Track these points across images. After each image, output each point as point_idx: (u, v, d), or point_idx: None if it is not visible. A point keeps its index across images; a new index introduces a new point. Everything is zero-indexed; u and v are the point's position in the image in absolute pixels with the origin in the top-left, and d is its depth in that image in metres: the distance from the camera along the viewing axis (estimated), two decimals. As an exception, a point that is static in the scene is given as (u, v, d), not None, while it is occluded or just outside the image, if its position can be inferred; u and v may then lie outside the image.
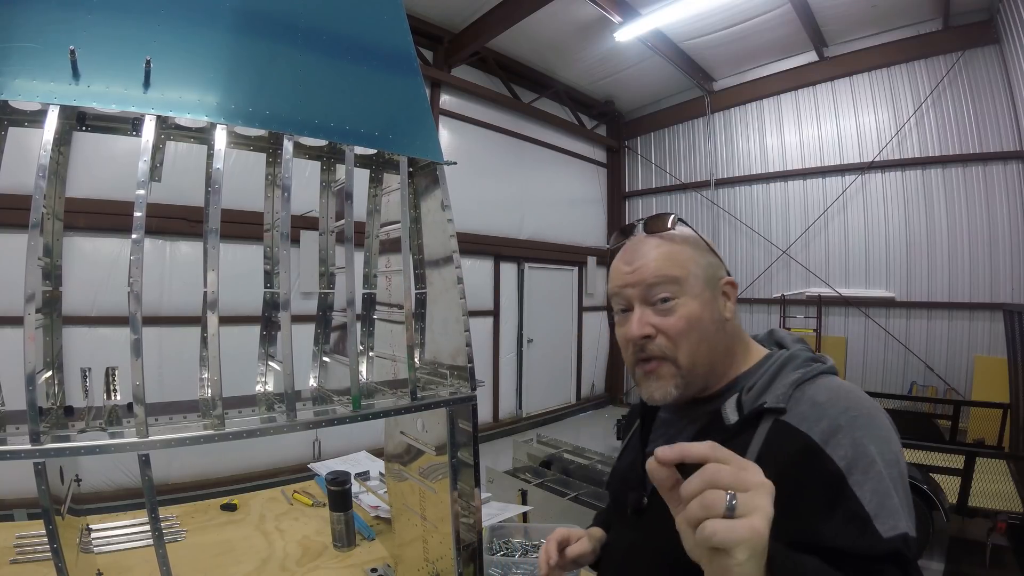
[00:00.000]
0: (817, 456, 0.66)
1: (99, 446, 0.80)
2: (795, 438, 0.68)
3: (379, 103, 1.19)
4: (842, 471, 0.65)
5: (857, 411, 0.69)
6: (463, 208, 5.83)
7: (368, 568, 1.49)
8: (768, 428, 0.71)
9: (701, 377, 0.81)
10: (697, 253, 0.82)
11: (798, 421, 0.70)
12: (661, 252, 0.81)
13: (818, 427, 0.68)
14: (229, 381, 0.94)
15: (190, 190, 1.90)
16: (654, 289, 0.79)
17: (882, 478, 0.64)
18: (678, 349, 0.78)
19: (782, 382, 0.75)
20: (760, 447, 0.70)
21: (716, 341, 0.80)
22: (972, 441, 4.63)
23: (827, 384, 0.74)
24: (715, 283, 0.82)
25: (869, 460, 0.65)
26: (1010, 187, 5.59)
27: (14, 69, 0.81)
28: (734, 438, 0.73)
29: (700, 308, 0.79)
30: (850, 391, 0.72)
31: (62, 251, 1.09)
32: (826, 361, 0.79)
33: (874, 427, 0.68)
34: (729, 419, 0.75)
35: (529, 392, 7.46)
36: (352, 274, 1.06)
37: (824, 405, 0.70)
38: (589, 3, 5.50)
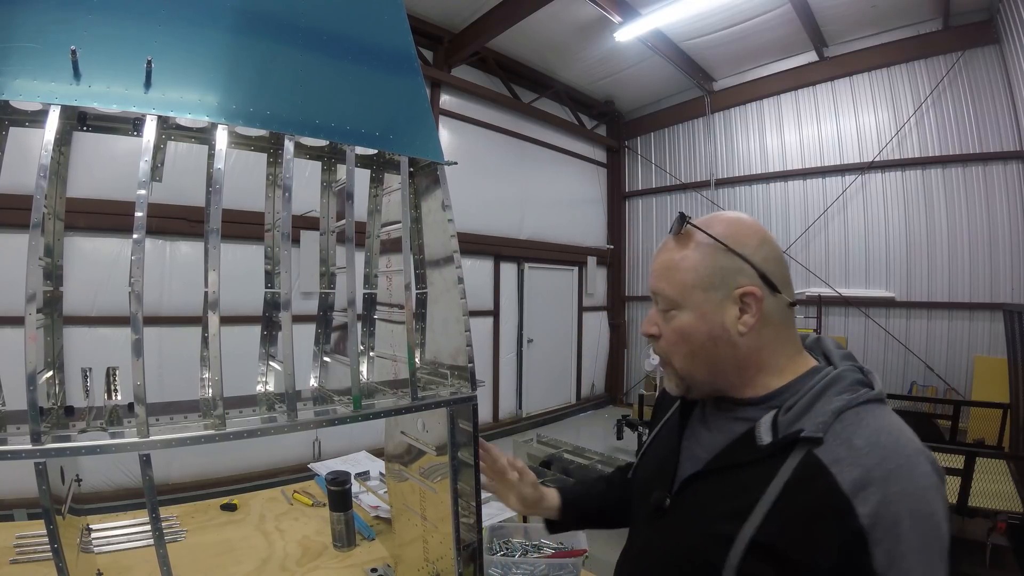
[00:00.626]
0: (842, 505, 0.62)
1: (100, 446, 0.80)
2: (824, 479, 0.65)
3: (380, 103, 1.19)
4: (864, 529, 0.61)
5: (895, 462, 0.64)
6: (463, 208, 5.83)
7: (368, 568, 1.49)
8: (799, 461, 0.67)
9: (704, 383, 0.81)
10: (705, 259, 0.77)
11: (831, 460, 0.65)
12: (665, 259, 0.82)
13: (850, 474, 0.63)
14: (230, 381, 0.94)
15: (191, 190, 1.90)
16: (656, 298, 0.83)
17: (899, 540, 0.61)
18: (672, 356, 0.82)
19: (823, 408, 0.70)
20: (787, 479, 0.67)
21: (715, 355, 0.77)
22: (972, 441, 4.64)
23: (870, 421, 0.69)
24: (726, 292, 0.76)
25: (894, 519, 0.61)
26: (1010, 187, 5.59)
27: (15, 69, 0.81)
28: (762, 462, 0.71)
29: (696, 322, 0.77)
30: (892, 434, 0.67)
31: (63, 251, 1.09)
32: (874, 385, 0.73)
33: (910, 481, 0.63)
34: (762, 439, 0.72)
35: (529, 392, 7.46)
36: (353, 274, 1.06)
37: (861, 450, 0.65)
38: (589, 3, 5.50)
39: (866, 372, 0.76)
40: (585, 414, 8.20)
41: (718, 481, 0.76)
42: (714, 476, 0.76)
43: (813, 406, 0.71)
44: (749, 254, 0.76)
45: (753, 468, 0.71)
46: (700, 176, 8.10)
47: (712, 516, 0.73)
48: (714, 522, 0.72)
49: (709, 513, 0.74)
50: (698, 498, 0.78)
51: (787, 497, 0.67)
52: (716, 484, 0.76)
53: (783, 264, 0.80)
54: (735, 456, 0.75)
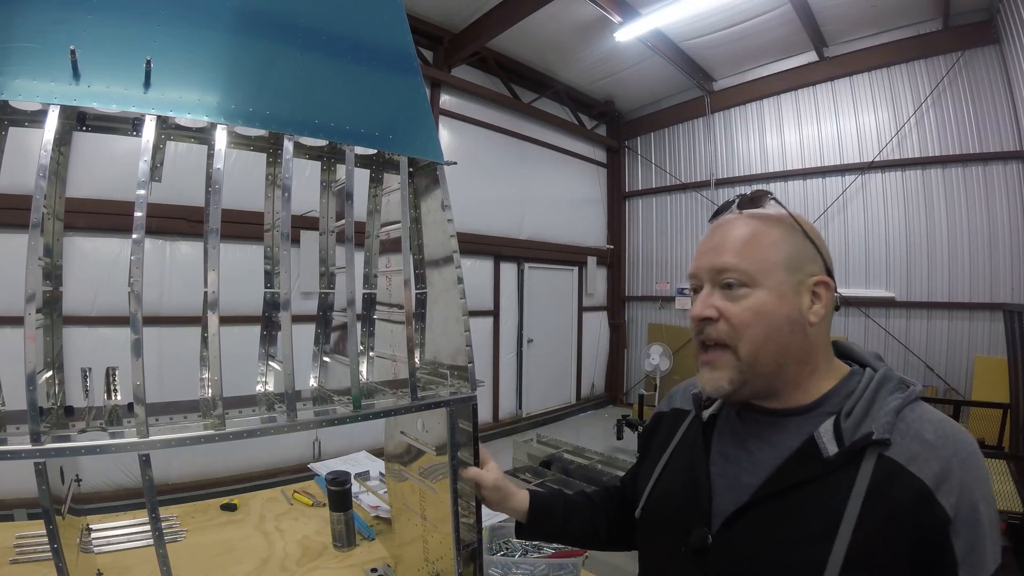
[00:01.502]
0: (929, 502, 0.62)
1: (99, 446, 0.80)
2: (908, 481, 0.63)
3: (379, 103, 1.19)
4: (950, 519, 0.62)
5: (965, 452, 0.65)
6: (463, 208, 5.83)
7: (368, 568, 1.49)
8: (874, 466, 0.65)
9: (763, 378, 0.73)
10: (787, 238, 0.74)
11: (907, 459, 0.64)
12: (742, 233, 0.74)
13: (930, 470, 0.63)
14: (229, 381, 0.94)
15: (190, 190, 1.90)
16: (723, 274, 0.73)
17: (979, 524, 0.63)
18: (739, 339, 0.71)
19: (883, 408, 0.68)
20: (868, 487, 0.64)
21: (789, 343, 0.72)
22: (972, 441, 4.63)
23: (929, 416, 0.69)
24: (802, 276, 0.73)
25: (972, 507, 0.63)
26: (1010, 187, 5.59)
27: (14, 69, 0.81)
28: (833, 473, 0.66)
29: (774, 302, 0.71)
30: (952, 426, 0.68)
31: (62, 251, 1.09)
32: (915, 384, 0.73)
33: (979, 468, 0.66)
34: (828, 450, 0.67)
35: (529, 392, 7.46)
36: (352, 274, 1.06)
37: (934, 445, 0.65)
38: (589, 3, 5.50)
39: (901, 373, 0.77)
40: (585, 414, 8.20)
41: (780, 504, 0.69)
42: (774, 500, 0.69)
43: (871, 408, 0.69)
44: (819, 244, 0.75)
45: (823, 482, 0.67)
46: (700, 176, 8.10)
47: (787, 544, 0.67)
48: (793, 549, 0.66)
49: (781, 542, 0.67)
50: (757, 528, 0.70)
51: (871, 506, 0.64)
52: (779, 508, 0.69)
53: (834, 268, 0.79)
54: (798, 473, 0.69)
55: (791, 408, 0.74)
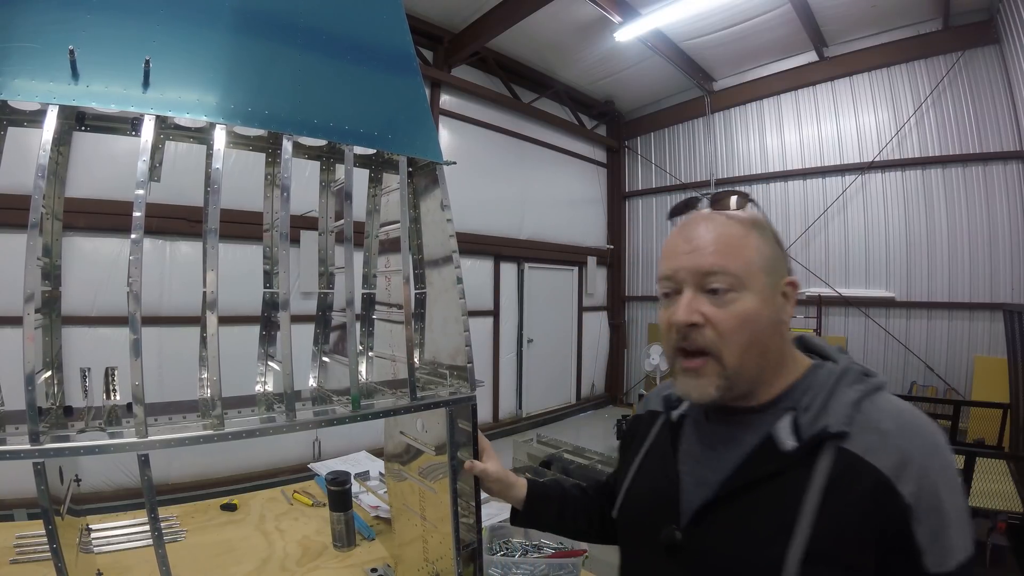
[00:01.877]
0: (888, 492, 0.62)
1: (99, 446, 0.80)
2: (866, 472, 0.64)
3: (379, 103, 1.19)
4: (910, 507, 0.62)
5: (924, 440, 0.65)
6: (463, 208, 5.83)
7: (368, 568, 1.49)
8: (832, 458, 0.66)
9: (747, 381, 0.73)
10: (764, 242, 0.74)
11: (865, 451, 0.65)
12: (727, 234, 0.73)
13: (888, 459, 0.63)
14: (229, 381, 0.94)
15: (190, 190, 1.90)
16: (710, 278, 0.71)
17: (942, 512, 0.62)
18: (726, 347, 0.70)
19: (841, 401, 0.69)
20: (826, 480, 0.65)
21: (769, 345, 0.72)
22: (972, 441, 4.63)
23: (888, 406, 0.69)
24: (777, 279, 0.73)
25: (934, 494, 0.63)
26: (1010, 187, 5.59)
27: (14, 69, 0.81)
28: (791, 469, 0.67)
29: (759, 305, 0.71)
30: (912, 414, 0.68)
31: (61, 251, 1.09)
32: (877, 375, 0.73)
33: (940, 455, 0.65)
34: (785, 445, 0.68)
35: (529, 392, 7.46)
36: (352, 274, 1.06)
37: (892, 434, 0.65)
38: (589, 3, 5.50)
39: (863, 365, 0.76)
40: (585, 414, 8.19)
41: (744, 500, 0.70)
42: (737, 496, 0.71)
43: (830, 401, 0.69)
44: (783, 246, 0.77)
45: (782, 478, 0.68)
46: (700, 176, 8.10)
47: (749, 539, 0.68)
48: (756, 543, 0.67)
49: (744, 536, 0.69)
50: (722, 524, 0.72)
51: (830, 499, 0.64)
52: (742, 504, 0.70)
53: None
54: (758, 469, 0.70)
55: (754, 406, 0.75)
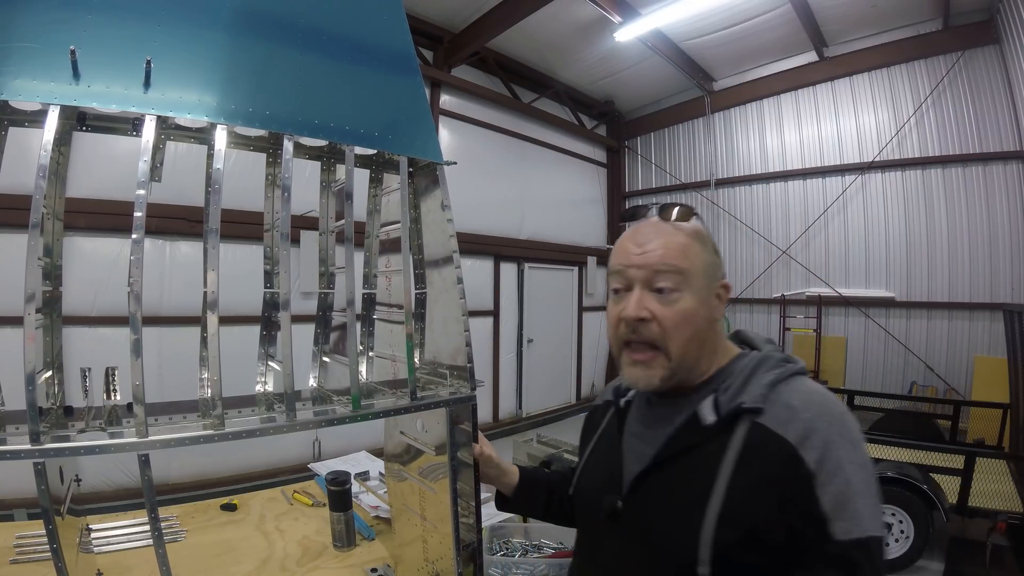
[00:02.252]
0: (793, 458, 0.69)
1: (99, 446, 0.80)
2: (773, 441, 0.71)
3: (379, 103, 1.19)
4: (812, 472, 0.67)
5: (830, 415, 0.72)
6: (463, 208, 5.82)
7: (368, 568, 1.49)
8: (746, 430, 0.73)
9: (686, 370, 0.82)
10: (704, 250, 0.83)
11: (775, 424, 0.72)
12: (674, 241, 0.81)
13: (794, 430, 0.70)
14: (229, 381, 0.94)
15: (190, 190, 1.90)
16: (660, 276, 0.79)
17: (848, 483, 0.67)
18: (670, 341, 0.79)
19: (758, 383, 0.77)
20: (740, 449, 0.72)
21: (706, 339, 0.82)
22: (972, 441, 4.63)
23: (800, 387, 0.76)
24: (713, 282, 0.83)
25: (836, 463, 0.68)
26: (1010, 187, 5.59)
27: (14, 69, 0.82)
28: (710, 440, 0.75)
29: (698, 304, 0.80)
30: (822, 395, 0.75)
31: (62, 251, 1.09)
32: (797, 362, 0.81)
33: (845, 431, 0.71)
34: (706, 420, 0.77)
35: (529, 392, 7.46)
36: (352, 274, 1.06)
37: (798, 408, 0.72)
38: (589, 3, 5.50)
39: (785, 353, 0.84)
40: (585, 414, 8.18)
41: (671, 470, 0.79)
42: (666, 466, 0.80)
43: (748, 383, 0.77)
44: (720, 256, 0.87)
45: (703, 449, 0.76)
46: (700, 176, 8.10)
47: (675, 504, 0.76)
48: (679, 508, 0.75)
49: (671, 502, 0.77)
50: (654, 492, 0.80)
51: (742, 466, 0.71)
52: (670, 473, 0.79)
53: None
54: (682, 441, 0.79)
55: (685, 389, 0.84)
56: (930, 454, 3.64)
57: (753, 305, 7.55)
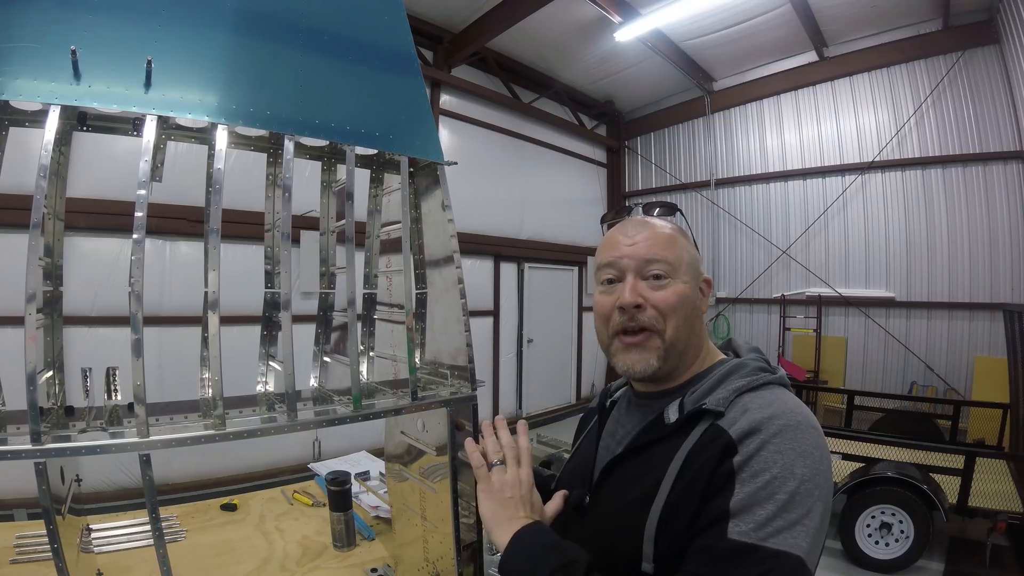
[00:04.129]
0: (727, 452, 0.68)
1: (100, 446, 0.80)
2: (720, 438, 0.70)
3: (380, 103, 1.19)
4: (735, 467, 0.66)
5: (783, 420, 0.68)
6: (463, 208, 5.82)
7: (368, 568, 1.49)
8: (703, 431, 0.73)
9: (677, 357, 0.83)
10: (687, 245, 0.86)
11: (728, 424, 0.71)
12: (662, 233, 0.84)
13: (739, 427, 0.70)
14: (230, 381, 0.94)
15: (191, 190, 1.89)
16: (651, 265, 0.82)
17: (768, 485, 0.63)
18: (666, 322, 0.80)
19: (726, 388, 0.76)
20: (692, 446, 0.73)
21: (694, 327, 0.84)
22: (972, 441, 4.64)
23: (767, 395, 0.75)
24: (697, 275, 0.86)
25: (764, 464, 0.65)
26: (1010, 187, 5.59)
27: (15, 69, 0.81)
28: (670, 436, 0.77)
29: (688, 292, 0.82)
30: (786, 403, 0.72)
31: (63, 251, 1.09)
32: (776, 372, 0.80)
33: (794, 439, 0.67)
34: (669, 419, 0.78)
35: (529, 392, 7.46)
36: (353, 274, 1.06)
37: (752, 411, 0.71)
38: (589, 3, 5.50)
39: (769, 364, 0.83)
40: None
41: (632, 464, 0.81)
42: (628, 460, 0.82)
43: (716, 388, 0.78)
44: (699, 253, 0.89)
45: (662, 444, 0.77)
46: (700, 176, 8.10)
47: (628, 499, 0.78)
48: (630, 504, 0.76)
49: (627, 495, 0.78)
50: (614, 488, 0.82)
51: (690, 461, 0.72)
52: (629, 469, 0.81)
53: None
54: (643, 438, 0.81)
55: (663, 391, 0.86)
56: (930, 454, 3.65)
57: (753, 305, 7.55)
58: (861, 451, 3.80)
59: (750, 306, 7.59)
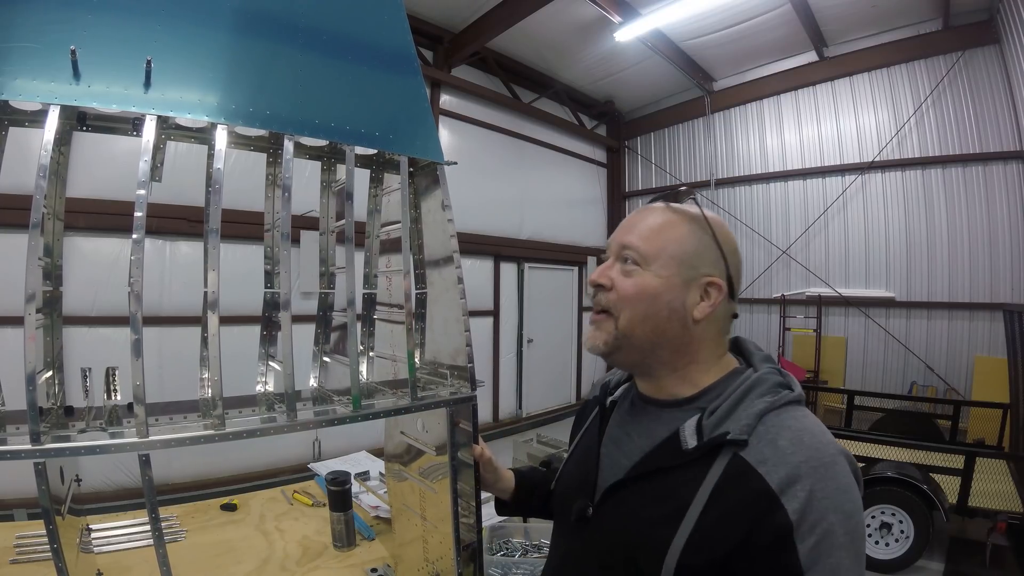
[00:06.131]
0: (772, 504, 0.64)
1: (99, 446, 0.80)
2: (752, 480, 0.66)
3: (379, 103, 1.19)
4: (792, 524, 0.63)
5: (819, 460, 0.66)
6: (463, 208, 5.82)
7: (368, 568, 1.49)
8: (726, 463, 0.69)
9: (637, 351, 0.80)
10: (691, 236, 0.79)
11: (757, 461, 0.67)
12: (652, 222, 0.80)
13: (777, 473, 0.65)
14: (229, 381, 0.94)
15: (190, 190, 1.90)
16: (624, 250, 0.80)
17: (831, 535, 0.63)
18: (620, 309, 0.78)
19: (747, 411, 0.71)
20: (716, 482, 0.68)
21: (665, 328, 0.77)
22: (972, 441, 4.64)
23: (792, 423, 0.70)
24: (691, 272, 0.78)
25: (820, 514, 0.63)
26: (1010, 187, 5.59)
27: (15, 69, 0.81)
28: (689, 465, 0.71)
29: (658, 287, 0.77)
30: (813, 433, 0.69)
31: (63, 251, 1.09)
32: (794, 388, 0.76)
33: (835, 478, 0.66)
34: (687, 443, 0.72)
35: (529, 392, 7.46)
36: (352, 274, 1.06)
37: (786, 450, 0.67)
38: (589, 3, 5.50)
39: (784, 374, 0.78)
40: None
41: (645, 486, 0.76)
42: (641, 481, 0.76)
43: (736, 409, 0.72)
44: (727, 253, 0.80)
45: (680, 472, 0.72)
46: (700, 176, 8.10)
47: (643, 521, 0.73)
48: (646, 527, 0.72)
49: (640, 518, 0.74)
50: (625, 505, 0.77)
51: (717, 499, 0.68)
52: (643, 489, 0.76)
53: (740, 279, 0.84)
54: (660, 460, 0.75)
55: (671, 400, 0.81)
56: (930, 454, 3.65)
57: (753, 305, 7.55)
58: (861, 451, 3.81)
59: (750, 306, 7.59)
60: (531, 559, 1.62)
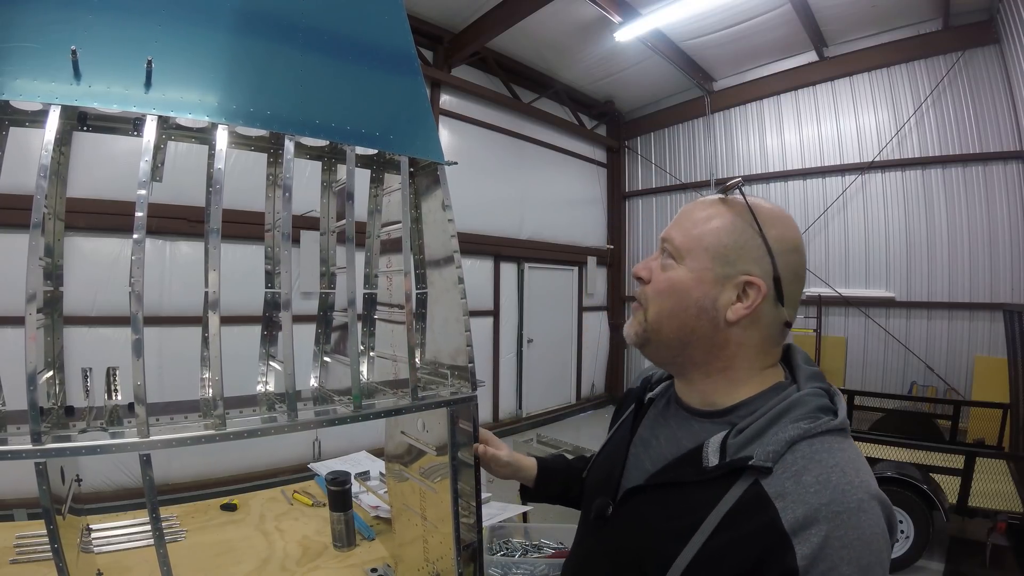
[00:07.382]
0: (781, 543, 0.60)
1: (100, 446, 0.80)
2: (766, 513, 0.62)
3: (380, 103, 1.19)
4: (799, 569, 0.58)
5: (843, 504, 0.60)
6: (463, 208, 5.81)
7: (368, 568, 1.49)
8: (744, 489, 0.64)
9: (665, 347, 0.78)
10: (732, 231, 0.73)
11: (776, 493, 0.62)
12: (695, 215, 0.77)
13: (794, 512, 0.60)
14: (230, 381, 0.94)
15: (191, 190, 1.90)
16: (665, 243, 0.79)
17: None
18: (650, 304, 0.78)
19: (777, 435, 0.66)
20: (730, 507, 0.64)
21: (694, 327, 0.74)
22: (972, 441, 4.63)
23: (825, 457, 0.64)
24: (730, 270, 0.72)
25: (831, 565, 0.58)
26: (1010, 187, 5.59)
27: (15, 69, 0.81)
28: (708, 484, 0.67)
29: (688, 281, 0.74)
30: (845, 472, 0.63)
31: (63, 251, 1.09)
32: (838, 414, 0.69)
33: (856, 527, 0.60)
34: (708, 461, 0.68)
35: (529, 392, 7.46)
36: (353, 274, 1.07)
37: (808, 487, 0.61)
38: (589, 3, 5.50)
39: (832, 395, 0.72)
40: (585, 414, 8.19)
41: (662, 496, 0.74)
42: (659, 490, 0.74)
43: (766, 431, 0.67)
44: (776, 251, 0.73)
45: (697, 489, 0.68)
46: (700, 176, 8.09)
47: (653, 531, 0.72)
48: (655, 538, 0.71)
49: (651, 528, 0.73)
50: (640, 511, 0.76)
51: (728, 524, 0.64)
52: (660, 499, 0.74)
53: (800, 283, 0.77)
54: (679, 474, 0.72)
55: (704, 410, 0.77)
56: (930, 454, 3.65)
57: (753, 305, 7.55)
58: (861, 451, 3.79)
59: (750, 306, 7.58)
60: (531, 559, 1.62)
